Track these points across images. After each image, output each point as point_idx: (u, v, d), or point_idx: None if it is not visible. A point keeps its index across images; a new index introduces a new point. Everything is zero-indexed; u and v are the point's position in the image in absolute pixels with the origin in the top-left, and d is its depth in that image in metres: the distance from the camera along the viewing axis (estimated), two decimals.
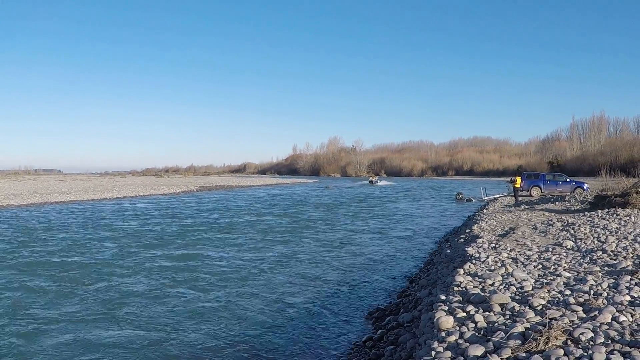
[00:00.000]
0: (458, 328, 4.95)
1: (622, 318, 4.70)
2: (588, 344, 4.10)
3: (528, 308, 5.27)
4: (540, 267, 7.76)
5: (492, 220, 16.84)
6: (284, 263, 13.62)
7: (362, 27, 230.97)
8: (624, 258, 8.00)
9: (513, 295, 5.92)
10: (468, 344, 4.46)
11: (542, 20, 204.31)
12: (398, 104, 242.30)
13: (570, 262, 8.11)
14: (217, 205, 36.27)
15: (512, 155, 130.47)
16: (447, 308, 5.68)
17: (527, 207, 22.72)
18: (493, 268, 7.77)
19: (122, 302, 9.59)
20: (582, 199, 22.24)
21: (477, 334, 4.70)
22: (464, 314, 5.34)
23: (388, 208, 33.74)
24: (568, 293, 5.86)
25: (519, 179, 31.19)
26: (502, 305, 5.47)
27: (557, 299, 5.62)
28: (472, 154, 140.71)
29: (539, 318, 4.85)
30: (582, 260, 8.17)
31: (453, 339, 4.69)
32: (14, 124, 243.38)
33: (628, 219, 13.53)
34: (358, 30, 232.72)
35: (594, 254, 8.61)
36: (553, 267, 7.68)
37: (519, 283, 6.52)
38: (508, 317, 5.10)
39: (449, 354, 4.40)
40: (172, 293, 10.29)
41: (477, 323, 4.99)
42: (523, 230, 12.92)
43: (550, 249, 9.48)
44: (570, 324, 4.57)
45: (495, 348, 4.25)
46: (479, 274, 7.30)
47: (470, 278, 7.10)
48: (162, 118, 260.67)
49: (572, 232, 11.89)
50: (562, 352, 3.97)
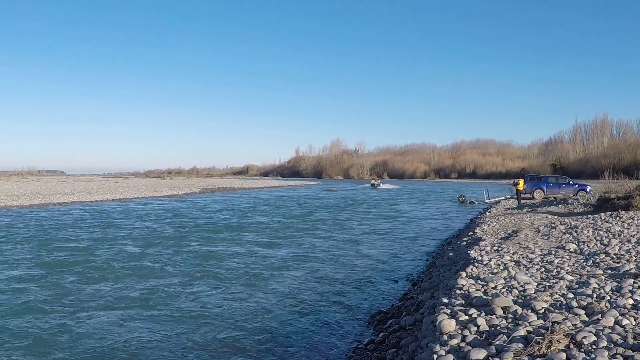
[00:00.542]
0: (460, 331, 4.95)
1: (625, 321, 4.68)
2: (591, 348, 4.09)
3: (530, 311, 5.26)
4: (543, 270, 7.75)
5: (494, 223, 16.83)
6: (291, 264, 13.76)
7: (364, 29, 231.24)
8: (627, 261, 7.97)
9: (515, 299, 5.91)
10: (470, 347, 4.45)
11: (544, 23, 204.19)
12: (400, 107, 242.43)
13: (573, 265, 8.10)
14: (224, 206, 36.62)
15: (514, 158, 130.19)
16: (449, 311, 5.67)
17: (529, 209, 22.70)
18: (495, 271, 7.75)
19: (148, 294, 10.28)
20: (585, 202, 22.21)
21: (479, 338, 4.70)
22: (466, 317, 5.33)
23: (392, 210, 33.72)
24: (571, 296, 5.84)
25: (522, 182, 31.22)
26: (504, 309, 5.46)
27: (559, 302, 5.60)
28: (474, 157, 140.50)
29: (542, 321, 4.83)
30: (585, 263, 8.15)
31: (455, 342, 4.68)
32: (18, 125, 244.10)
33: (631, 222, 13.50)
34: (360, 33, 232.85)
35: (597, 257, 8.58)
36: (556, 270, 7.66)
37: (522, 286, 6.50)
38: (510, 320, 5.09)
39: (451, 358, 4.39)
40: (191, 288, 10.90)
41: (479, 326, 4.98)
42: (526, 233, 12.90)
43: (553, 252, 9.46)
44: (573, 328, 4.56)
45: (498, 351, 4.24)
46: (482, 277, 7.29)
47: (473, 281, 7.09)
48: (165, 120, 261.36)
49: (575, 235, 11.87)
50: (564, 355, 3.95)
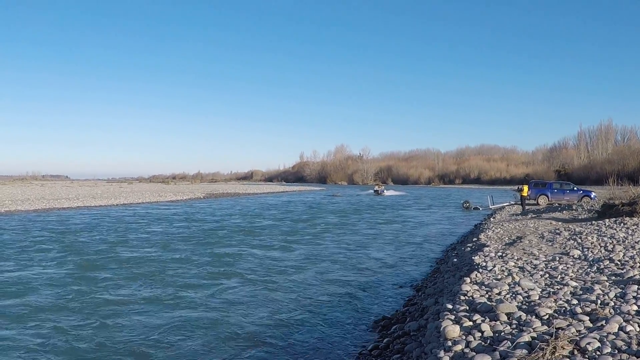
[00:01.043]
0: (464, 337, 4.95)
1: (629, 328, 4.67)
2: (595, 354, 4.09)
3: (535, 317, 5.26)
4: (547, 276, 7.75)
5: (499, 229, 16.81)
6: (298, 267, 14.07)
7: (369, 37, 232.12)
8: (631, 267, 7.96)
9: (520, 305, 5.91)
10: (474, 353, 4.47)
11: (549, 31, 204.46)
12: (405, 113, 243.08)
13: (577, 271, 8.09)
14: (233, 211, 37.17)
15: (519, 164, 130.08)
16: (453, 317, 5.68)
17: (534, 215, 22.66)
18: (500, 277, 7.76)
19: (172, 292, 10.91)
20: (589, 208, 22.15)
21: (483, 343, 4.70)
22: (471, 323, 5.34)
23: (396, 215, 33.76)
24: (575, 302, 5.84)
25: (526, 188, 31.18)
26: (508, 315, 5.46)
27: (563, 309, 5.61)
28: (479, 162, 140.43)
29: (546, 327, 4.84)
30: (589, 270, 8.14)
31: (459, 348, 4.69)
32: (22, 131, 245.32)
33: (635, 228, 13.47)
34: (365, 41, 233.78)
35: (601, 263, 8.58)
36: (560, 276, 7.66)
37: (526, 292, 6.51)
38: (514, 326, 5.09)
39: None
40: (210, 288, 11.46)
41: (483, 332, 4.99)
42: (530, 239, 12.89)
43: (557, 258, 9.46)
44: (577, 334, 4.56)
45: (502, 357, 4.26)
46: (486, 283, 7.29)
47: (477, 287, 7.09)
48: (169, 126, 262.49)
49: (579, 241, 11.86)
50: None
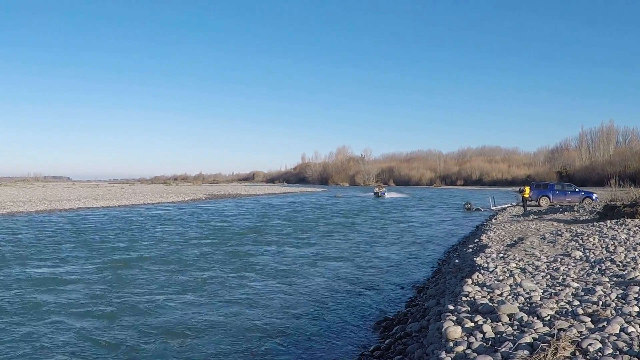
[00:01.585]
0: (466, 338, 4.96)
1: (630, 329, 4.68)
2: (596, 355, 4.10)
3: (536, 318, 5.27)
4: (549, 277, 7.75)
5: (500, 230, 16.81)
6: (303, 267, 14.29)
7: (371, 40, 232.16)
8: (633, 268, 7.96)
9: (521, 306, 5.92)
10: (476, 355, 4.47)
11: (551, 33, 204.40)
12: (407, 114, 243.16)
13: (579, 272, 8.09)
14: (240, 211, 37.81)
15: (520, 165, 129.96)
16: (455, 318, 5.68)
17: (535, 217, 22.65)
18: (501, 278, 7.76)
19: (190, 286, 11.68)
20: (590, 209, 22.15)
21: (485, 345, 4.71)
22: (472, 324, 5.35)
23: (398, 217, 33.76)
24: (576, 304, 5.84)
25: (528, 189, 31.14)
26: (510, 316, 5.47)
27: (565, 310, 5.61)
28: (480, 164, 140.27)
29: (547, 329, 4.85)
30: (590, 271, 8.15)
31: (461, 349, 4.70)
32: (24, 132, 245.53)
33: (637, 230, 13.47)
34: (367, 43, 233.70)
35: (603, 265, 8.58)
36: (561, 277, 7.66)
37: (527, 293, 6.51)
38: (516, 327, 5.10)
39: None
40: (224, 283, 12.11)
41: (485, 333, 4.99)
42: (532, 240, 12.89)
43: (559, 259, 9.46)
44: (579, 335, 4.57)
45: (504, 358, 4.27)
46: (487, 284, 7.29)
47: (479, 288, 7.10)
48: (171, 127, 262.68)
49: (580, 242, 11.86)
50: None
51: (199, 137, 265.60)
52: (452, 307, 6.23)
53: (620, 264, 8.55)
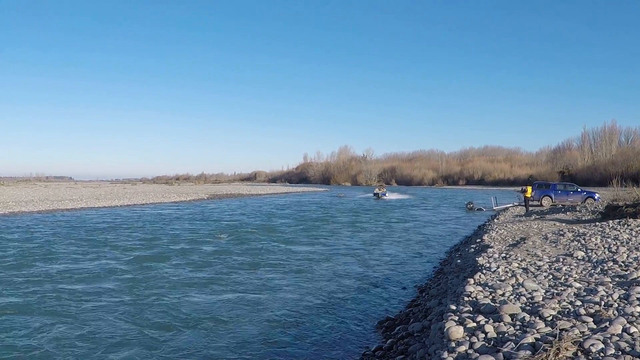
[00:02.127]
0: (468, 338, 4.96)
1: (633, 329, 4.67)
2: (598, 356, 4.10)
3: (538, 319, 5.27)
4: (551, 277, 7.75)
5: (502, 230, 16.80)
6: (306, 265, 14.56)
7: (373, 40, 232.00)
8: (635, 269, 7.95)
9: (523, 306, 5.91)
10: (478, 355, 4.47)
11: (553, 33, 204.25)
12: (409, 114, 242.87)
13: (581, 272, 8.09)
14: (245, 211, 38.20)
15: (523, 165, 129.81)
16: (457, 318, 5.68)
17: (537, 217, 22.64)
18: (503, 278, 7.76)
19: (205, 281, 12.32)
20: (593, 209, 22.14)
21: (487, 345, 4.71)
22: (474, 324, 5.35)
23: (404, 215, 33.85)
24: (579, 304, 5.84)
25: (530, 189, 31.09)
26: (512, 316, 5.47)
27: (567, 310, 5.61)
28: (482, 164, 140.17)
29: (549, 329, 4.84)
30: (592, 271, 8.14)
31: (463, 349, 4.70)
32: (26, 133, 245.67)
33: (639, 230, 13.47)
34: (369, 44, 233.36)
35: (605, 265, 8.57)
36: (564, 277, 7.66)
37: (530, 293, 6.51)
38: (518, 327, 5.10)
39: None
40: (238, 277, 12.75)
41: (487, 333, 4.99)
42: (534, 240, 12.88)
43: (561, 259, 9.45)
44: (581, 335, 4.57)
45: (505, 359, 4.26)
46: (489, 284, 7.29)
47: (481, 288, 7.10)
48: (173, 127, 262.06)
49: (583, 242, 11.85)
50: None
51: (201, 137, 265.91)
52: (454, 307, 6.23)
53: (623, 264, 8.54)
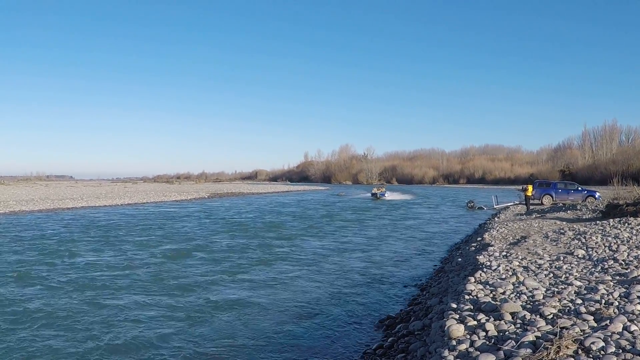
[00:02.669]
0: (469, 336, 4.97)
1: (633, 327, 4.68)
2: (599, 354, 4.10)
3: (539, 317, 5.27)
4: (552, 275, 7.75)
5: (503, 229, 16.80)
6: (313, 262, 14.89)
7: (375, 40, 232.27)
8: (636, 267, 7.95)
9: (524, 304, 5.92)
10: (479, 353, 4.48)
11: (554, 33, 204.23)
12: (410, 113, 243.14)
13: (582, 271, 8.09)
14: (250, 209, 38.70)
15: (523, 164, 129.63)
16: (457, 316, 5.69)
17: (538, 215, 22.63)
18: (504, 276, 7.76)
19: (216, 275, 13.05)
20: (593, 208, 22.12)
21: (487, 343, 4.72)
22: (475, 323, 5.35)
23: (405, 214, 33.96)
24: (579, 302, 5.85)
25: (531, 188, 31.08)
26: (513, 314, 5.48)
27: (568, 308, 5.61)
28: (483, 162, 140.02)
29: (550, 327, 4.85)
30: (593, 269, 8.14)
31: (464, 348, 4.71)
32: (27, 132, 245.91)
33: None
34: (370, 43, 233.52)
35: (606, 263, 8.57)
36: (564, 275, 7.66)
37: (530, 292, 6.51)
38: (519, 325, 5.10)
39: None
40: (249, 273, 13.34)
41: (487, 331, 5.00)
42: (534, 239, 12.88)
43: (562, 258, 9.46)
44: (581, 333, 4.57)
45: (506, 357, 4.27)
46: (490, 283, 7.30)
47: (481, 286, 7.10)
48: (174, 126, 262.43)
49: (583, 241, 11.84)
50: None
51: (202, 136, 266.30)
52: (454, 305, 6.24)
53: (623, 263, 8.54)
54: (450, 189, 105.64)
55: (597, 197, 32.29)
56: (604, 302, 5.79)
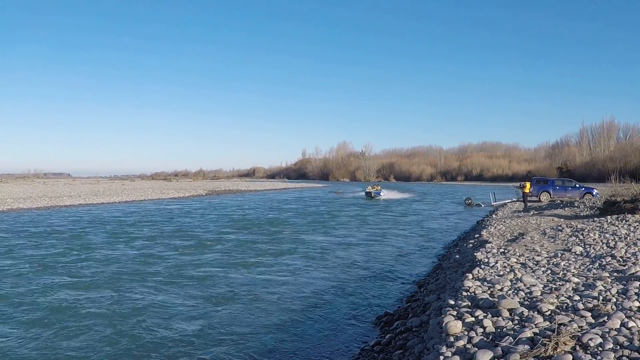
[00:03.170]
0: (466, 333, 4.97)
1: (631, 324, 4.68)
2: (597, 350, 4.11)
3: (537, 313, 5.27)
4: (549, 272, 7.75)
5: (501, 226, 16.81)
6: (314, 259, 14.92)
7: (372, 37, 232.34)
8: (633, 264, 7.96)
9: (522, 301, 5.92)
10: (476, 349, 4.48)
11: (551, 30, 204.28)
12: (407, 110, 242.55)
13: (579, 267, 8.10)
14: (252, 205, 39.16)
15: (521, 161, 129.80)
16: (455, 313, 5.69)
17: (536, 212, 22.65)
18: (502, 273, 7.76)
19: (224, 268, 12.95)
20: (591, 205, 22.14)
21: (485, 339, 4.72)
22: (473, 319, 5.35)
23: (403, 211, 33.88)
24: (577, 298, 5.85)
25: (528, 185, 31.07)
26: (510, 311, 5.48)
27: (565, 305, 5.62)
28: (481, 159, 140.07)
29: (548, 323, 4.85)
30: (591, 266, 8.15)
31: (461, 344, 4.70)
32: (24, 129, 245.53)
33: (637, 225, 13.46)
34: (368, 40, 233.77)
35: (603, 260, 8.58)
36: (562, 272, 7.66)
37: (528, 288, 6.52)
38: (517, 322, 5.10)
39: (458, 359, 4.42)
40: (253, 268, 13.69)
41: (485, 328, 5.00)
42: (532, 236, 12.89)
43: (559, 255, 9.46)
44: (579, 330, 4.58)
45: (504, 353, 4.27)
46: (488, 279, 7.30)
47: (479, 283, 7.10)
48: (171, 123, 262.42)
49: (581, 237, 11.85)
50: (570, 357, 3.97)
51: (199, 133, 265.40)
52: (452, 302, 6.23)
53: (621, 259, 8.55)
54: (448, 186, 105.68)
55: (594, 194, 32.33)
56: (602, 298, 5.80)
